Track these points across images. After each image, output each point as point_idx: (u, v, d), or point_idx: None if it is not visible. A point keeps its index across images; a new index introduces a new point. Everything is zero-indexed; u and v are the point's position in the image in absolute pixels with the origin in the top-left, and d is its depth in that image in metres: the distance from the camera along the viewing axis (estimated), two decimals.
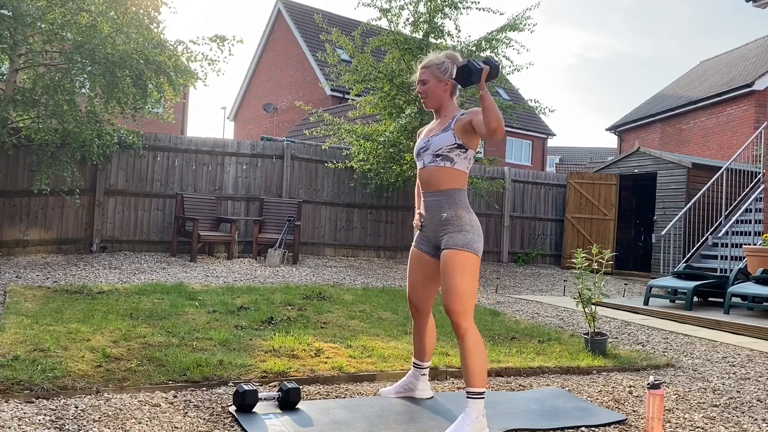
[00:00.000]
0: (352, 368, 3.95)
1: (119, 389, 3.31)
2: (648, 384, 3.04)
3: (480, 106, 2.94)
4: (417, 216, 3.35)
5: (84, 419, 2.87)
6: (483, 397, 2.96)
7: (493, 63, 2.99)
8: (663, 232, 11.22)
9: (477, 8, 10.66)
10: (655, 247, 11.98)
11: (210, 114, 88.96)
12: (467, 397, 2.97)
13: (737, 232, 10.14)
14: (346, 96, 18.07)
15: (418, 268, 3.34)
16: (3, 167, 8.84)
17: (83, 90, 9.08)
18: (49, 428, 2.74)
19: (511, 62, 10.98)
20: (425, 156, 3.21)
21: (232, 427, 2.94)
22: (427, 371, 3.53)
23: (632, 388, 4.03)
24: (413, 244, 3.40)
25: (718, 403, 3.76)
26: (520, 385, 3.99)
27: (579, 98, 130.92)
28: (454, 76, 3.17)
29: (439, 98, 3.24)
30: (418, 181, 3.33)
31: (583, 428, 3.19)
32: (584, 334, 5.06)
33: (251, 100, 28.03)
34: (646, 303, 7.93)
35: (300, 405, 3.24)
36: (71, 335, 4.27)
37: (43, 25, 8.34)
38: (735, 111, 16.60)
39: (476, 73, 2.97)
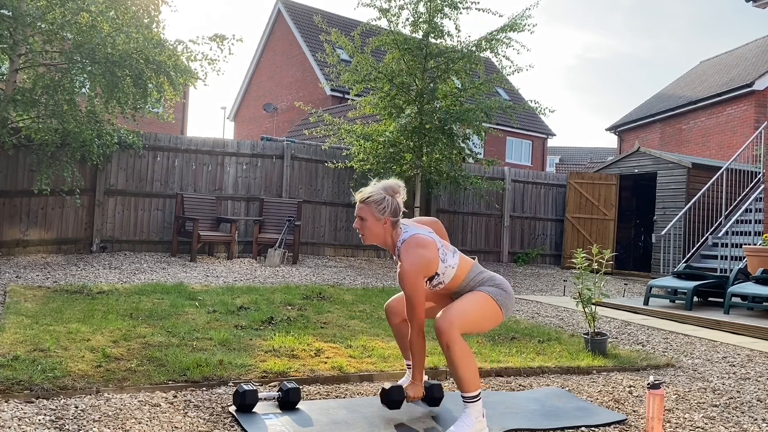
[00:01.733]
0: (352, 368, 3.95)
1: (119, 389, 3.31)
2: (648, 384, 3.04)
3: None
4: None
5: (84, 419, 2.87)
6: (479, 398, 2.93)
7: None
8: (663, 232, 11.22)
9: (477, 8, 10.66)
10: (655, 247, 11.98)
11: (210, 114, 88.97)
12: (464, 402, 2.95)
13: (737, 232, 10.14)
14: (346, 96, 18.07)
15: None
16: (3, 167, 8.84)
17: (83, 90, 9.08)
18: (49, 428, 2.74)
19: (512, 62, 10.98)
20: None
21: (232, 427, 2.94)
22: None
23: (632, 388, 4.03)
24: None
25: (718, 403, 3.76)
26: (520, 385, 3.99)
27: (579, 98, 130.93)
28: (391, 209, 3.03)
29: (379, 236, 3.10)
30: None
31: (583, 428, 3.19)
32: (584, 334, 5.06)
33: (251, 100, 28.03)
34: (646, 303, 7.93)
35: (300, 405, 3.24)
36: (71, 335, 4.27)
37: (43, 25, 8.34)
38: (735, 111, 16.61)
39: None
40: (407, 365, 3.49)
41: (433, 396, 3.36)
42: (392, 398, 3.20)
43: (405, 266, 2.94)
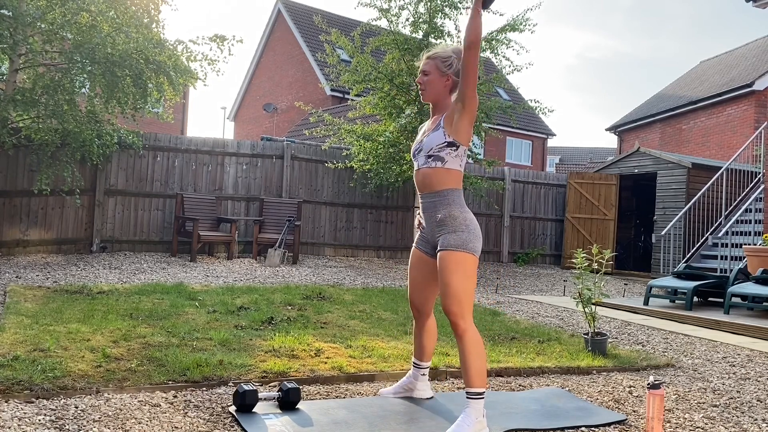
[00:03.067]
0: (352, 368, 3.95)
1: (119, 389, 3.31)
2: (648, 384, 3.04)
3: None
4: (418, 217, 3.35)
5: (84, 419, 2.87)
6: (483, 398, 2.95)
7: None
8: (663, 232, 11.22)
9: None
10: (655, 247, 11.98)
11: (210, 114, 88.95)
12: (467, 398, 2.96)
13: (737, 232, 10.14)
14: (346, 96, 18.07)
15: (418, 268, 3.34)
16: (3, 167, 8.84)
17: (83, 90, 9.08)
18: (49, 428, 2.73)
19: (511, 62, 10.97)
20: (419, 158, 3.18)
21: (232, 427, 2.94)
22: (426, 371, 3.53)
23: (632, 388, 4.03)
24: (414, 244, 3.40)
25: (718, 403, 3.76)
26: (520, 385, 3.99)
27: (579, 98, 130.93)
28: (456, 68, 3.12)
29: (438, 93, 3.19)
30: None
31: (583, 428, 3.19)
32: (584, 334, 5.06)
33: (251, 100, 28.03)
34: (646, 303, 7.93)
35: (300, 405, 3.24)
36: (71, 335, 4.27)
37: (43, 25, 8.34)
38: (735, 111, 16.61)
39: None
40: (414, 364, 3.49)
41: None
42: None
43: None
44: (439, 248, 3.08)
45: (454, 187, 3.11)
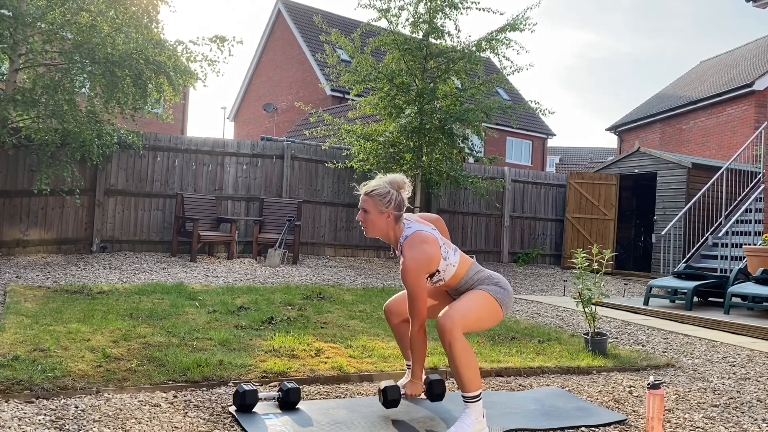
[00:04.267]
0: (352, 368, 3.95)
1: (119, 389, 3.31)
2: (648, 384, 3.04)
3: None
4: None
5: (84, 419, 2.87)
6: (480, 399, 2.93)
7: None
8: (663, 232, 11.22)
9: (477, 8, 10.66)
10: (655, 247, 11.98)
11: (210, 114, 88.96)
12: (464, 401, 2.95)
13: (737, 232, 10.14)
14: (346, 96, 18.07)
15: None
16: (3, 167, 8.84)
17: (83, 90, 9.08)
18: (49, 428, 2.73)
19: (511, 62, 10.98)
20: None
21: (232, 427, 2.94)
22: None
23: (632, 388, 4.03)
24: None
25: (718, 403, 3.76)
26: (520, 385, 3.99)
27: (579, 98, 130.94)
28: (396, 203, 3.04)
29: (381, 229, 3.08)
30: None
31: (583, 428, 3.19)
32: (584, 334, 5.06)
33: (251, 100, 28.03)
34: (646, 303, 7.93)
35: (300, 405, 3.24)
36: (71, 335, 4.27)
37: (43, 25, 8.34)
38: (735, 111, 16.61)
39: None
40: (407, 365, 3.49)
41: (433, 392, 3.36)
42: (389, 398, 3.20)
43: (407, 262, 2.95)
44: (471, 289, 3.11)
45: (468, 269, 3.11)
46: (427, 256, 2.97)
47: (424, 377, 3.33)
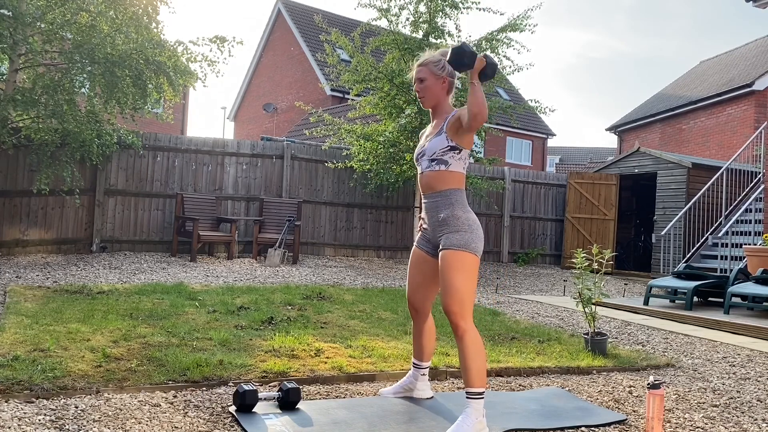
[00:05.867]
0: (352, 368, 3.95)
1: (119, 389, 3.31)
2: (648, 384, 3.04)
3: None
4: (420, 220, 3.37)
5: (84, 419, 2.87)
6: (482, 398, 2.95)
7: (491, 60, 2.98)
8: (663, 232, 11.22)
9: (477, 8, 10.66)
10: (655, 247, 11.98)
11: (210, 114, 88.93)
12: (467, 398, 2.96)
13: (737, 232, 10.14)
14: (346, 96, 18.07)
15: (418, 268, 3.35)
16: (3, 167, 8.84)
17: (83, 90, 9.08)
18: (49, 428, 2.73)
19: (512, 62, 10.98)
20: (422, 161, 3.24)
21: (232, 427, 2.94)
22: (426, 371, 3.53)
23: (632, 388, 4.03)
24: (415, 243, 3.41)
25: (718, 403, 3.76)
26: (520, 385, 3.99)
27: (579, 98, 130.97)
28: (449, 69, 3.22)
29: (437, 96, 3.26)
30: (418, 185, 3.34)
31: (583, 428, 3.19)
32: (584, 334, 5.06)
33: (251, 100, 28.03)
34: (646, 303, 7.93)
35: (300, 405, 3.24)
36: (71, 335, 4.27)
37: (43, 25, 8.34)
38: (735, 111, 16.61)
39: (469, 55, 2.95)
40: (414, 364, 3.50)
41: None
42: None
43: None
44: (441, 247, 3.10)
45: (457, 188, 3.15)
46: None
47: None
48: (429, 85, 3.24)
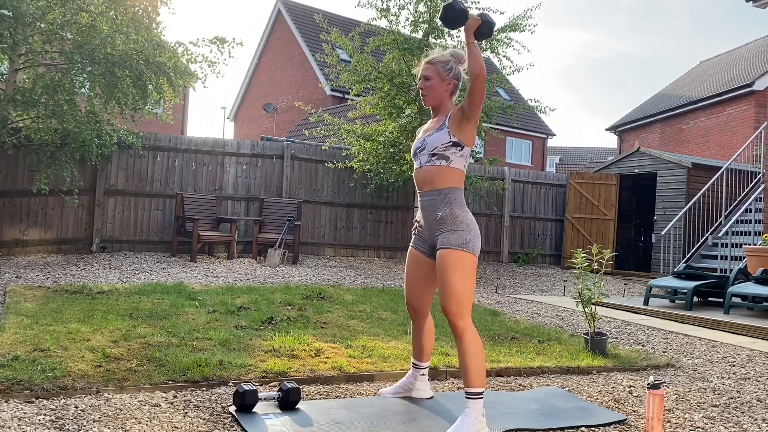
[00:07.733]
0: (352, 368, 3.95)
1: (119, 389, 3.31)
2: (648, 384, 3.04)
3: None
4: (416, 222, 3.34)
5: (84, 419, 2.87)
6: (482, 397, 2.95)
7: (487, 18, 2.92)
8: (663, 232, 11.22)
9: (477, 8, 10.65)
10: (655, 247, 11.98)
11: (210, 114, 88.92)
12: (466, 398, 2.96)
13: (737, 232, 10.14)
14: (346, 96, 18.07)
15: (415, 269, 3.33)
16: (3, 167, 8.84)
17: (83, 90, 9.08)
18: (49, 428, 2.73)
19: (512, 62, 10.97)
20: (421, 156, 3.17)
21: (232, 427, 2.94)
22: (426, 371, 3.53)
23: (632, 388, 4.03)
24: (410, 244, 3.39)
25: (718, 403, 3.76)
26: (520, 385, 3.99)
27: (579, 98, 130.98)
28: (455, 72, 3.18)
29: (439, 97, 3.21)
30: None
31: (583, 428, 3.19)
32: (584, 334, 5.06)
33: (251, 100, 28.03)
34: (646, 303, 7.93)
35: (300, 405, 3.24)
36: (71, 335, 4.27)
37: (43, 25, 8.34)
38: (735, 111, 16.61)
39: (459, 13, 2.88)
40: (414, 364, 3.49)
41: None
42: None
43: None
44: (438, 247, 3.07)
45: (456, 186, 3.12)
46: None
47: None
48: (433, 85, 3.20)
